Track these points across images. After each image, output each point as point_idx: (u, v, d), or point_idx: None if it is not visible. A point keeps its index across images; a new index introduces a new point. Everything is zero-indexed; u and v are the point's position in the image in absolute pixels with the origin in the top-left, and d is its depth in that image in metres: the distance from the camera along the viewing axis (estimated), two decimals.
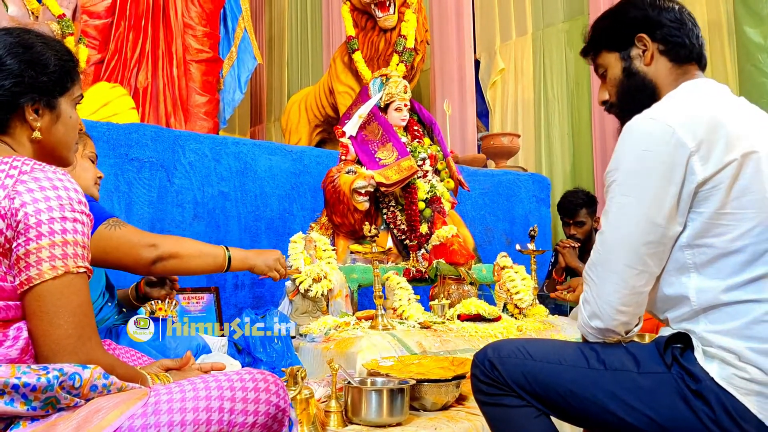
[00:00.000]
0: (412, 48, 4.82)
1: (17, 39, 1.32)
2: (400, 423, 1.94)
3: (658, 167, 1.33)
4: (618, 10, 1.62)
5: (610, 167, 1.40)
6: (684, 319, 1.36)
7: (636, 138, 1.37)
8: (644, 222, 1.34)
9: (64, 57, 1.37)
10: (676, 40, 1.52)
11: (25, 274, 1.15)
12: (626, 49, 1.58)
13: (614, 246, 1.38)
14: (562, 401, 1.43)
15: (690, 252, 1.35)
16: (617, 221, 1.37)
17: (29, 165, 1.20)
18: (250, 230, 3.51)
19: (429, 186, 3.33)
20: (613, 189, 1.39)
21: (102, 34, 5.00)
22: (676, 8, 1.56)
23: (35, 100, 1.30)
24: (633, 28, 1.57)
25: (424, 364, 2.20)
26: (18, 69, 1.28)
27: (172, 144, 3.29)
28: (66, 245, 1.17)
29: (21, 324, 1.17)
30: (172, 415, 1.16)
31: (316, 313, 2.77)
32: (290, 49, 7.91)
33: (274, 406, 1.27)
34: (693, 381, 1.31)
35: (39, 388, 1.09)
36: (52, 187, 1.18)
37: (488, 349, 1.54)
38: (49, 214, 1.16)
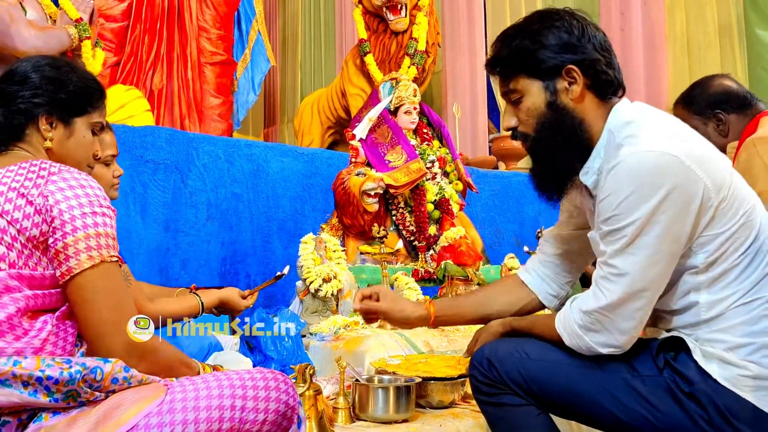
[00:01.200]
0: (423, 51, 4.86)
1: (48, 61, 1.48)
2: (406, 420, 1.98)
3: (677, 203, 1.29)
4: (543, 32, 1.45)
5: (621, 210, 1.32)
6: (687, 326, 1.38)
7: (647, 177, 1.30)
8: (670, 258, 1.33)
9: (88, 83, 1.50)
10: (606, 77, 1.43)
11: (66, 265, 1.25)
12: (551, 80, 1.44)
13: (643, 288, 1.34)
14: (560, 399, 1.46)
15: (704, 275, 1.36)
16: (645, 264, 1.32)
17: (56, 167, 1.32)
18: (262, 231, 3.57)
19: (438, 188, 3.38)
20: (631, 232, 1.32)
21: (118, 37, 5.07)
22: (600, 34, 1.45)
23: (50, 112, 1.43)
24: (562, 57, 1.43)
25: (431, 363, 2.24)
26: (39, 83, 1.42)
27: (187, 146, 3.36)
28: (99, 237, 1.27)
29: (47, 317, 1.26)
30: (186, 413, 1.22)
31: (325, 313, 2.82)
32: (303, 51, 7.96)
33: (283, 404, 1.33)
34: (686, 384, 1.33)
35: (61, 381, 1.15)
36: (79, 186, 1.29)
37: (485, 349, 1.54)
38: (81, 210, 1.26)
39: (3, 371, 1.13)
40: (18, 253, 1.24)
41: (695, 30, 4.67)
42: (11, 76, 1.44)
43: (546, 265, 1.75)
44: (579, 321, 1.40)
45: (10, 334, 1.19)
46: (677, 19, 4.77)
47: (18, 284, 1.22)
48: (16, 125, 1.41)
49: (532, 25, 1.47)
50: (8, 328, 1.19)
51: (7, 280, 1.21)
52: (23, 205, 1.25)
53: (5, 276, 1.21)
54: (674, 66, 4.62)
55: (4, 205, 1.24)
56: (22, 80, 1.42)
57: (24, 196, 1.25)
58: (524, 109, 1.48)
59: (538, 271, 1.76)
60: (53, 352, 1.24)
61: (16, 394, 1.13)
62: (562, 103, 1.45)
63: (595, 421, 1.45)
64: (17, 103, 1.41)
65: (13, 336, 1.19)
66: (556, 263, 1.73)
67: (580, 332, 1.40)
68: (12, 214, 1.24)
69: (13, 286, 1.21)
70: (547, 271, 1.74)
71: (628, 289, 1.34)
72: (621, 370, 1.40)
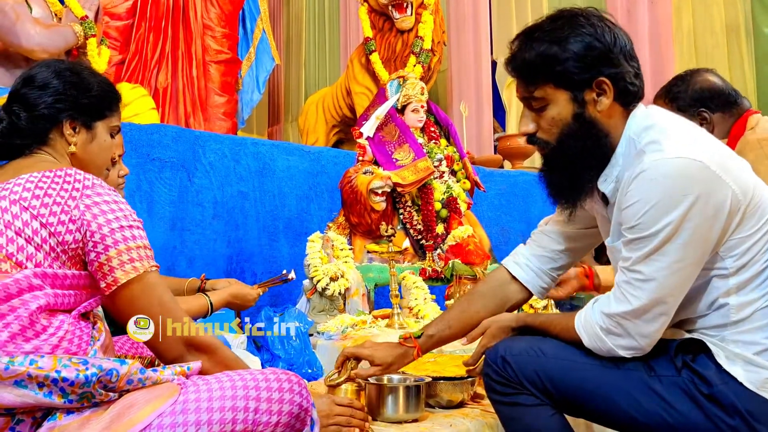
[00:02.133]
0: (429, 49, 4.84)
1: (67, 66, 1.52)
2: (416, 420, 1.97)
3: (705, 211, 1.27)
4: (572, 39, 1.37)
5: (648, 218, 1.29)
6: (712, 327, 1.37)
7: (674, 184, 1.27)
8: (696, 264, 1.32)
9: (107, 88, 1.55)
10: (633, 88, 1.39)
11: (111, 276, 1.30)
12: (580, 91, 1.38)
13: (668, 293, 1.32)
14: (576, 398, 1.44)
15: (734, 279, 1.34)
16: (671, 271, 1.30)
17: (90, 180, 1.36)
18: (268, 229, 3.56)
19: (445, 187, 3.36)
20: (657, 240, 1.29)
21: (123, 35, 5.07)
22: (627, 41, 1.39)
23: (74, 117, 1.47)
24: (595, 69, 1.37)
25: (440, 363, 2.23)
26: (62, 88, 1.46)
27: (193, 144, 3.35)
28: (138, 249, 1.33)
29: (64, 317, 1.27)
30: (200, 414, 1.21)
31: (333, 312, 2.81)
32: (308, 49, 7.95)
33: (297, 405, 1.32)
34: (705, 385, 1.32)
35: (77, 383, 1.16)
36: (112, 201, 1.34)
37: (500, 348, 1.53)
38: (118, 223, 1.32)
39: (19, 372, 1.13)
40: (45, 255, 1.27)
41: (702, 28, 4.66)
42: (31, 81, 1.47)
43: (542, 260, 1.73)
44: (601, 324, 1.39)
45: (30, 330, 1.21)
46: (684, 18, 4.76)
47: (41, 283, 1.24)
48: (41, 129, 1.44)
49: (560, 30, 1.39)
50: (29, 324, 1.21)
51: (32, 278, 1.23)
52: (58, 213, 1.28)
53: (30, 274, 1.23)
54: (681, 65, 4.60)
55: (40, 209, 1.28)
56: (43, 86, 1.45)
57: (60, 205, 1.29)
58: (548, 118, 1.42)
59: (531, 266, 1.73)
60: (68, 349, 1.25)
61: (30, 395, 1.14)
62: (589, 116, 1.39)
63: (611, 421, 1.44)
64: (40, 109, 1.44)
65: (33, 332, 1.21)
66: (554, 258, 1.72)
67: (602, 335, 1.39)
68: (47, 218, 1.27)
69: (36, 285, 1.24)
70: (542, 265, 1.72)
71: (654, 295, 1.32)
72: (639, 370, 1.39)
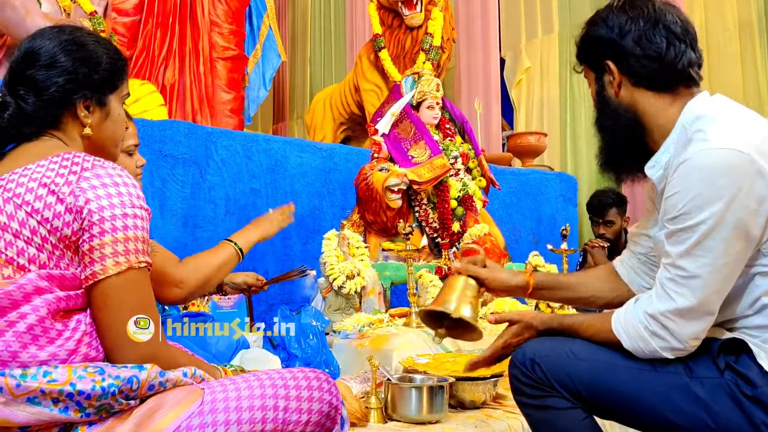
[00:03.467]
0: (438, 46, 4.80)
1: (70, 36, 1.35)
2: (439, 420, 1.95)
3: (747, 203, 1.24)
4: (591, 23, 1.47)
5: (689, 209, 1.27)
6: (753, 327, 1.33)
7: (716, 175, 1.25)
8: (739, 260, 1.29)
9: (114, 56, 1.40)
10: (647, 70, 1.40)
11: (90, 269, 1.18)
12: (599, 72, 1.47)
13: (713, 291, 1.29)
14: (610, 402, 1.41)
15: None
16: (714, 267, 1.27)
17: (89, 161, 1.23)
18: None
19: (461, 184, 3.34)
20: (698, 232, 1.27)
21: (130, 31, 5.03)
22: (648, 20, 1.39)
23: (87, 97, 1.33)
24: (599, 51, 1.45)
25: (460, 362, 2.21)
26: (72, 66, 1.31)
27: (205, 141, 3.32)
28: (128, 241, 1.20)
29: (80, 316, 1.19)
30: (229, 414, 1.18)
31: (349, 310, 2.78)
32: (313, 46, 7.93)
33: (327, 404, 1.29)
34: (749, 387, 1.28)
35: (94, 396, 1.10)
36: (113, 184, 1.21)
37: (527, 349, 1.49)
38: (111, 210, 1.19)
39: (31, 388, 1.06)
40: (49, 255, 1.17)
41: (715, 26, 4.63)
42: (34, 59, 1.31)
43: (636, 261, 1.67)
44: (646, 324, 1.34)
45: (44, 337, 1.13)
46: (696, 15, 4.73)
47: (48, 285, 1.15)
48: (52, 114, 1.31)
49: (590, 18, 1.50)
50: (41, 331, 1.13)
51: (37, 281, 1.14)
52: (53, 203, 1.17)
53: (35, 277, 1.14)
54: None
55: (34, 204, 1.17)
56: (50, 64, 1.30)
57: (54, 194, 1.17)
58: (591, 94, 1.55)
59: (632, 266, 1.68)
60: (87, 354, 1.18)
61: (45, 412, 1.07)
62: (607, 96, 1.47)
63: (647, 425, 1.40)
64: (51, 92, 1.29)
65: (47, 339, 1.13)
66: (643, 261, 1.65)
67: (646, 335, 1.35)
68: (42, 213, 1.16)
69: (44, 287, 1.14)
70: (640, 266, 1.66)
71: (699, 293, 1.29)
72: (678, 372, 1.35)
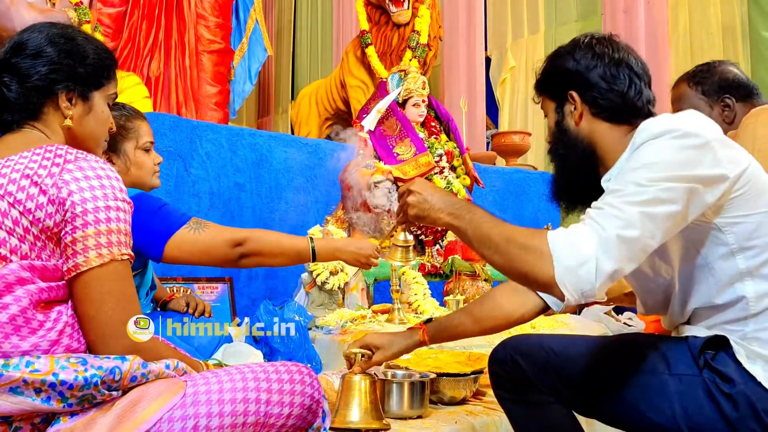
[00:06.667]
0: (425, 44, 4.83)
1: (60, 31, 1.36)
2: (420, 416, 1.96)
3: (685, 142, 1.26)
4: (555, 56, 1.50)
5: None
6: (730, 322, 1.34)
7: (658, 128, 1.28)
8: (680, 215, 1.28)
9: (103, 54, 1.40)
10: (609, 104, 1.42)
11: (73, 261, 1.18)
12: (560, 102, 1.48)
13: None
14: (588, 398, 1.43)
15: (743, 261, 1.31)
16: (651, 213, 1.26)
17: (73, 154, 1.23)
18: (264, 221, 3.53)
19: (445, 182, 3.36)
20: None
21: (116, 22, 5.01)
22: (613, 59, 1.43)
23: (70, 88, 1.33)
24: (564, 81, 1.46)
25: (441, 359, 2.22)
26: (57, 57, 1.32)
27: (190, 134, 3.31)
28: (110, 233, 1.20)
29: (61, 308, 1.19)
30: (211, 406, 1.18)
31: (332, 306, 2.79)
32: (299, 41, 7.92)
33: (308, 397, 1.30)
34: (726, 384, 1.30)
35: (76, 386, 1.10)
36: (95, 177, 1.21)
37: (507, 345, 1.52)
38: (94, 203, 1.19)
39: (13, 378, 1.06)
40: (30, 245, 1.17)
41: (699, 30, 4.68)
42: (22, 49, 1.31)
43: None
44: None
45: (26, 327, 1.13)
46: (680, 19, 4.78)
47: (30, 275, 1.15)
48: (34, 103, 1.31)
49: (558, 49, 1.52)
50: (23, 321, 1.12)
51: (20, 271, 1.14)
52: (36, 195, 1.17)
53: (17, 267, 1.14)
54: (676, 65, 4.62)
55: (16, 194, 1.16)
56: (36, 53, 1.31)
57: (37, 185, 1.17)
58: (548, 128, 1.55)
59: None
60: (69, 345, 1.17)
61: (27, 402, 1.07)
62: (566, 125, 1.47)
63: (624, 422, 1.42)
64: (33, 80, 1.30)
65: (29, 330, 1.13)
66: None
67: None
68: (24, 204, 1.16)
69: (26, 278, 1.14)
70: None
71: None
72: (657, 370, 1.36)
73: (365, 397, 1.75)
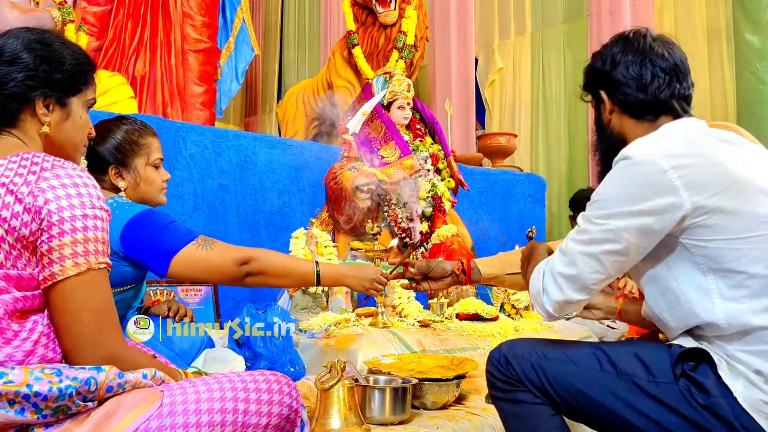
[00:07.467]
0: (412, 45, 4.84)
1: (36, 36, 1.35)
2: (402, 422, 1.96)
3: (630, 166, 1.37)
4: (591, 58, 1.61)
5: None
6: (711, 338, 1.36)
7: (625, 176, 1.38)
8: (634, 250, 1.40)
9: (80, 59, 1.39)
10: (632, 100, 1.50)
11: (49, 270, 1.17)
12: (597, 101, 1.60)
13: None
14: (573, 401, 1.46)
15: (713, 277, 1.34)
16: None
17: (49, 161, 1.22)
18: (249, 223, 3.52)
19: (430, 185, 3.35)
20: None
21: (101, 21, 4.98)
22: (637, 55, 1.50)
23: (47, 95, 1.32)
24: (595, 82, 1.58)
25: (424, 363, 2.22)
26: (33, 63, 1.30)
27: (174, 135, 3.29)
28: (87, 242, 1.19)
29: (37, 317, 1.18)
30: (188, 416, 1.17)
31: (315, 309, 2.78)
32: (287, 40, 7.89)
33: (287, 407, 1.29)
34: (702, 395, 1.32)
35: (50, 397, 1.09)
36: (72, 185, 1.20)
37: (503, 347, 1.57)
38: (71, 211, 1.18)
39: None
40: (6, 254, 1.16)
41: (684, 33, 4.69)
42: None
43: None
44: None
45: (0, 338, 1.12)
46: (666, 21, 4.80)
47: (5, 285, 1.14)
48: (10, 110, 1.30)
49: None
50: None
51: None
52: (11, 203, 1.15)
53: None
54: None
55: None
56: (12, 60, 1.29)
57: (13, 193, 1.16)
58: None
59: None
60: (45, 355, 1.17)
61: (1, 414, 1.06)
62: (603, 120, 1.59)
63: (607, 426, 1.45)
64: (9, 87, 1.29)
65: (3, 340, 1.12)
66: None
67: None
68: (0, 212, 1.15)
69: (0, 288, 1.13)
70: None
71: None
72: (637, 375, 1.39)
73: (344, 405, 1.75)
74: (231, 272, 1.81)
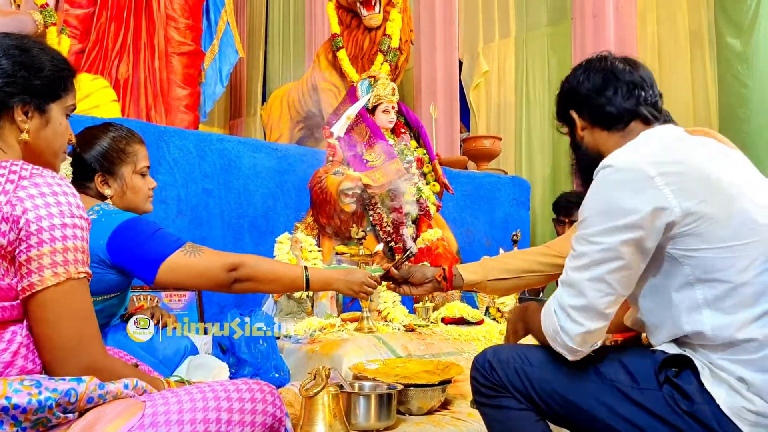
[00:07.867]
0: (396, 48, 4.83)
1: (14, 42, 1.33)
2: (387, 428, 1.95)
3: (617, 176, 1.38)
4: (560, 85, 1.66)
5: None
6: (695, 347, 1.36)
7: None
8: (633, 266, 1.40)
9: (60, 65, 1.37)
10: (599, 111, 1.54)
11: (27, 280, 1.15)
12: (570, 124, 1.64)
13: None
14: (557, 407, 1.47)
15: (701, 291, 1.34)
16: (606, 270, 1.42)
17: (28, 170, 1.20)
18: (233, 228, 3.50)
19: (415, 189, 3.35)
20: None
21: (83, 23, 4.92)
22: (598, 71, 1.55)
23: (26, 101, 1.30)
24: (564, 103, 1.63)
25: (409, 368, 2.22)
26: (11, 69, 1.28)
27: (157, 140, 3.26)
28: (66, 251, 1.17)
29: (15, 328, 1.17)
30: (170, 427, 1.16)
31: (300, 314, 2.77)
32: (272, 43, 7.87)
33: (270, 415, 1.29)
34: (686, 401, 1.32)
35: (30, 410, 1.08)
36: (51, 193, 1.18)
37: (488, 352, 1.58)
38: (50, 221, 1.16)
39: None
40: None
41: (666, 36, 4.73)
42: None
43: None
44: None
45: None
46: (649, 25, 4.83)
47: None
48: None
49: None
50: None
51: None
52: None
53: None
54: None
55: None
56: None
57: None
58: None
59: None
60: (24, 366, 1.15)
61: None
62: (577, 141, 1.63)
63: (590, 430, 1.45)
64: None
65: None
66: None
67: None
68: None
69: None
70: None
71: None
72: (620, 381, 1.40)
73: (329, 412, 1.75)
74: (219, 279, 1.79)
